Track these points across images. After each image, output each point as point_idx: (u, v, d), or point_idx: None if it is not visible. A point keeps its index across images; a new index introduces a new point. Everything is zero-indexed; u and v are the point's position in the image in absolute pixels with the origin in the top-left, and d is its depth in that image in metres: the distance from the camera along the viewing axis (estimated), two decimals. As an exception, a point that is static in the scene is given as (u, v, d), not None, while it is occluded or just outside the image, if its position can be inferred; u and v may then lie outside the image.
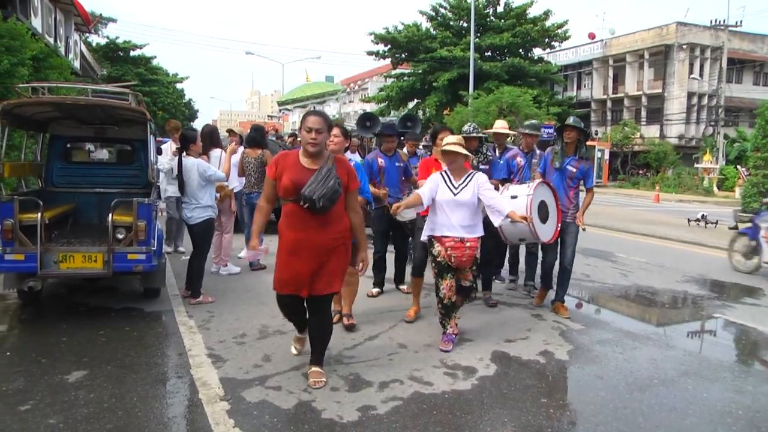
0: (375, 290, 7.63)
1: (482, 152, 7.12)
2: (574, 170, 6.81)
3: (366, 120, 12.94)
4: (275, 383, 4.60)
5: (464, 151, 5.58)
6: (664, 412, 4.35)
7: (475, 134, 6.86)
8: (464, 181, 5.61)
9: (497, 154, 7.69)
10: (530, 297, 7.71)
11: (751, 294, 8.62)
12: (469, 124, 7.08)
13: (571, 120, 6.96)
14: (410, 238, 7.56)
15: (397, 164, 7.56)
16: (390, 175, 7.50)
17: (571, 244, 6.88)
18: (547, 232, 6.41)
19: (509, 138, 8.73)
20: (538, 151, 8.03)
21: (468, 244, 5.53)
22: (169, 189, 9.30)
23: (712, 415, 4.33)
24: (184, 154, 6.99)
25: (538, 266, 7.74)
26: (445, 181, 5.65)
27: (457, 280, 5.68)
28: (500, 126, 8.17)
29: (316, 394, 4.46)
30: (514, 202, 6.15)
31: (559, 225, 6.62)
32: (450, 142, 5.64)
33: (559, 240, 6.80)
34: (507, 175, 7.48)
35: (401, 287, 7.83)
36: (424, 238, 5.80)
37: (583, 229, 6.90)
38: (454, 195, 5.55)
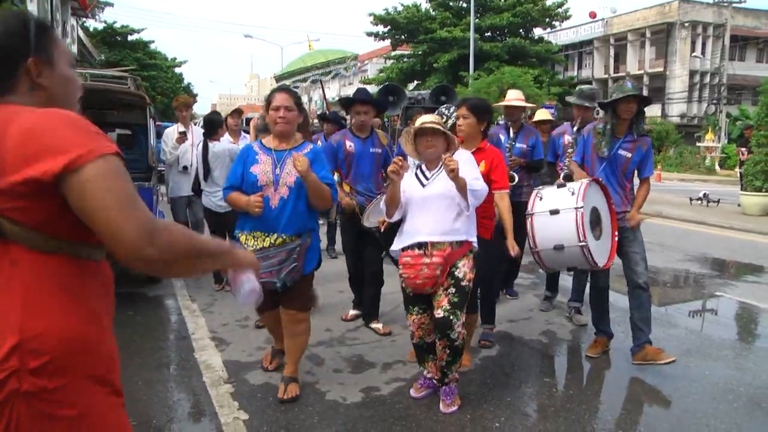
0: (352, 312, 5.90)
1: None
2: (629, 155, 4.76)
3: (389, 93, 10.01)
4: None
5: (443, 129, 3.94)
6: (667, 390, 4.38)
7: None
8: (441, 167, 3.90)
9: (512, 134, 6.29)
10: (569, 317, 6.05)
11: (753, 272, 8.63)
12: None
13: (629, 85, 4.77)
14: (384, 254, 5.36)
15: (372, 150, 5.49)
16: (362, 164, 5.47)
17: (641, 254, 4.78)
18: (602, 251, 4.58)
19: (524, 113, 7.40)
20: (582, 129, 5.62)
21: (429, 260, 3.78)
22: (178, 186, 7.40)
23: (714, 393, 4.35)
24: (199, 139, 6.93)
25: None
26: (415, 173, 4.06)
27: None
28: (514, 97, 6.52)
29: (320, 375, 4.49)
30: (556, 221, 4.45)
31: (616, 236, 4.73)
32: (427, 120, 3.98)
33: (622, 253, 4.81)
34: (553, 158, 6.20)
35: (374, 325, 5.57)
36: (394, 249, 4.08)
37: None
38: (423, 187, 3.94)
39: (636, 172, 4.89)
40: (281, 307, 4.12)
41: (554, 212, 4.45)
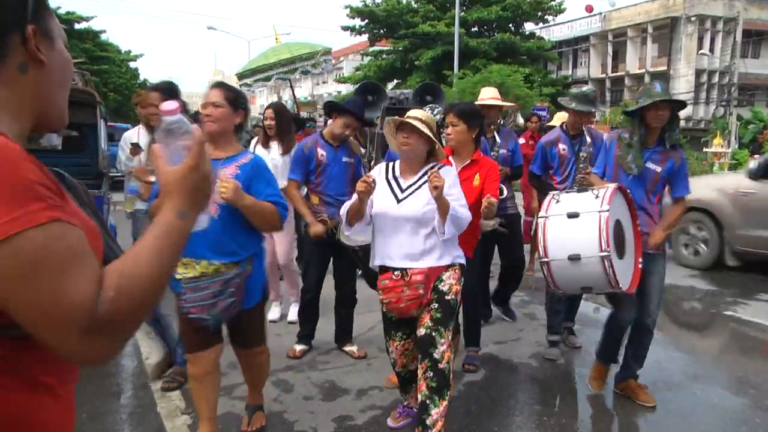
0: (299, 348, 5.56)
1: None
2: (659, 170, 4.43)
3: (367, 93, 9.55)
4: (242, 392, 4.55)
5: (426, 129, 3.68)
6: (671, 419, 4.39)
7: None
8: (419, 179, 3.76)
9: (497, 137, 6.18)
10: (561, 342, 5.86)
11: (767, 289, 8.68)
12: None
13: (658, 88, 4.36)
14: (359, 272, 5.51)
15: (345, 159, 5.48)
16: (333, 174, 5.43)
17: (658, 287, 4.56)
18: (626, 273, 4.21)
19: (509, 116, 7.64)
20: (588, 139, 5.74)
21: (410, 278, 3.64)
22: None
23: (725, 423, 4.38)
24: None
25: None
26: (387, 179, 3.88)
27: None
28: (490, 96, 6.30)
29: (288, 403, 4.46)
30: (574, 225, 4.12)
31: (640, 263, 4.40)
32: (412, 114, 3.80)
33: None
34: (540, 171, 5.95)
35: (348, 348, 5.63)
36: (375, 264, 3.91)
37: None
38: (398, 203, 3.74)
39: (668, 190, 4.59)
40: (232, 344, 3.82)
41: (573, 215, 4.12)
